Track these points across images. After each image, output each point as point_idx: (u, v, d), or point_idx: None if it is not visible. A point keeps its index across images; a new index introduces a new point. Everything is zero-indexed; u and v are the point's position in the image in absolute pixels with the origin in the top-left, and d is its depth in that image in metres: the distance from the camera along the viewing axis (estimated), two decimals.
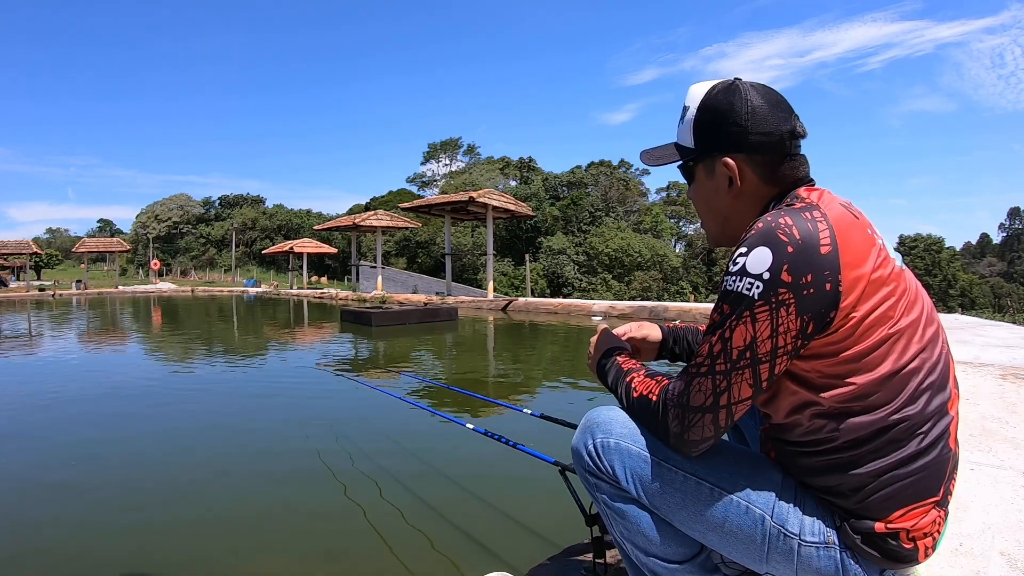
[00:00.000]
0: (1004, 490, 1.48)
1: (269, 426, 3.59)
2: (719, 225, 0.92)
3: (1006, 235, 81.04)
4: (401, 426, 3.48)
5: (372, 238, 27.16)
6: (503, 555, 1.86)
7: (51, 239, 72.68)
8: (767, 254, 0.73)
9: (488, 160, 52.31)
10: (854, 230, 0.75)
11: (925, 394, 0.76)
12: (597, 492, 0.90)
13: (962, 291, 36.69)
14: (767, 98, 0.84)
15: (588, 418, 0.92)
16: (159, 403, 4.27)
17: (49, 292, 26.62)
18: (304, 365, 6.22)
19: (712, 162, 0.88)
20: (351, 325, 10.28)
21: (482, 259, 31.04)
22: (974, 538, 1.21)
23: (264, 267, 49.29)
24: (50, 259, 52.46)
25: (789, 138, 0.83)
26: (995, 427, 2.08)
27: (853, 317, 0.73)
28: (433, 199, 19.30)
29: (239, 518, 2.22)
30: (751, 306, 0.74)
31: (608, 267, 32.25)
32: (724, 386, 0.76)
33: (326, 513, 2.24)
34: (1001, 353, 3.82)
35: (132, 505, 2.33)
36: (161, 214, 56.25)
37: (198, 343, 8.35)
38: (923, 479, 0.76)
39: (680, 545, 0.87)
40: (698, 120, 0.88)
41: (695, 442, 0.79)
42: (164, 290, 29.42)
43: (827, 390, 0.76)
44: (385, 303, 15.52)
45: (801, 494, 0.82)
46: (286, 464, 2.84)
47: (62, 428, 3.52)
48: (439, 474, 2.64)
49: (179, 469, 2.77)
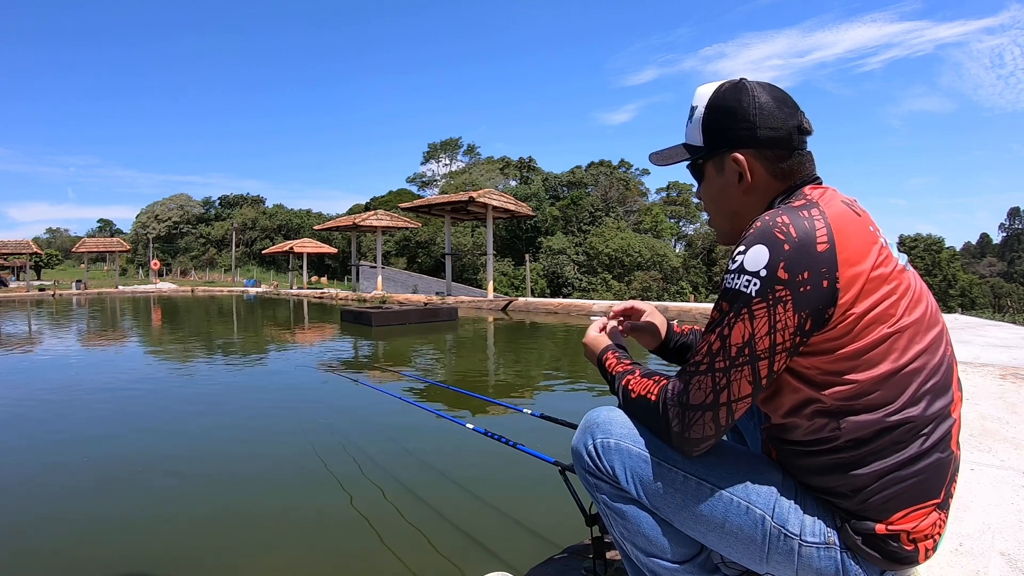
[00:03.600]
0: (1004, 490, 1.48)
1: (269, 426, 3.59)
2: (728, 222, 0.92)
3: (1006, 235, 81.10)
4: (401, 426, 3.47)
5: (372, 238, 27.16)
6: (503, 555, 1.86)
7: (51, 239, 72.67)
8: (764, 252, 0.73)
9: (488, 160, 52.28)
10: (853, 228, 0.75)
11: (927, 396, 0.76)
12: (597, 492, 0.90)
13: (962, 291, 36.66)
14: (773, 95, 0.85)
15: (588, 418, 0.92)
16: (159, 403, 4.27)
17: (49, 292, 26.61)
18: (304, 365, 6.22)
19: (722, 159, 0.89)
20: (351, 325, 10.28)
21: (482, 259, 31.04)
22: (974, 538, 1.21)
23: (264, 267, 49.29)
24: (50, 259, 52.45)
25: (796, 133, 0.84)
26: (995, 427, 2.08)
27: (852, 314, 0.73)
28: (433, 199, 19.29)
29: (239, 518, 2.21)
30: (749, 303, 0.74)
31: (608, 267, 32.25)
32: (724, 383, 0.76)
33: (326, 513, 2.24)
34: (1001, 353, 3.82)
35: (132, 505, 2.33)
36: (161, 214, 56.21)
37: (198, 343, 8.35)
38: (924, 481, 0.76)
39: (680, 545, 0.87)
40: (707, 118, 0.89)
41: (696, 441, 0.79)
42: (164, 290, 29.41)
43: (828, 387, 0.76)
44: (385, 303, 15.52)
45: (802, 494, 0.82)
46: (286, 464, 2.84)
47: (59, 427, 3.52)
48: (439, 474, 2.64)
49: (179, 469, 2.77)
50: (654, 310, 1.18)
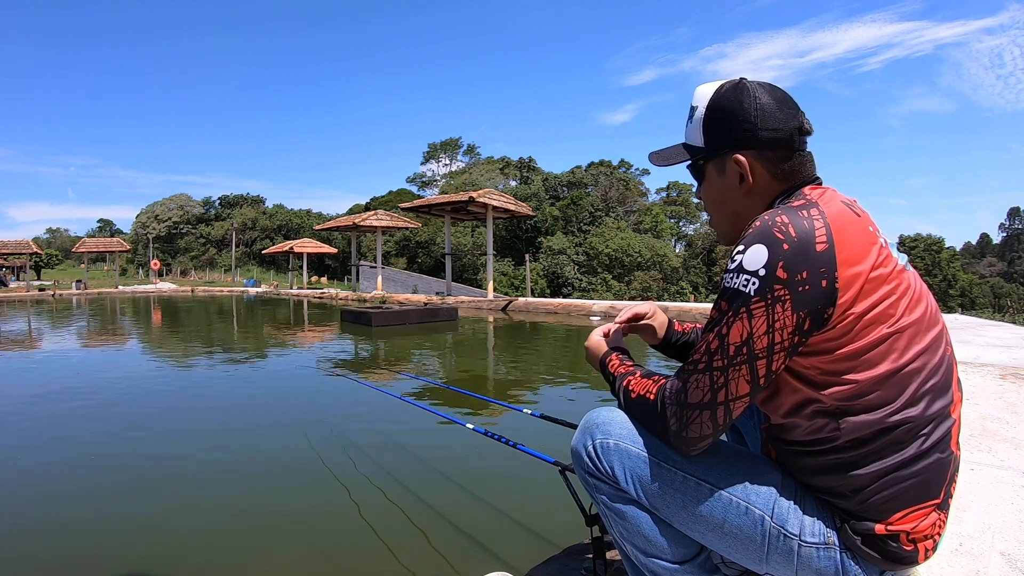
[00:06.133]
0: (1004, 490, 1.48)
1: (269, 426, 3.59)
2: (729, 222, 0.93)
3: (1006, 235, 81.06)
4: (401, 426, 3.47)
5: (372, 238, 27.16)
6: (503, 555, 1.86)
7: (51, 239, 72.68)
8: (763, 251, 0.73)
9: (488, 160, 52.29)
10: (853, 227, 0.75)
11: (927, 396, 0.76)
12: (597, 493, 0.90)
13: (962, 291, 36.67)
14: (774, 95, 0.85)
15: (587, 419, 0.92)
16: (159, 403, 4.27)
17: (49, 292, 26.61)
18: (304, 365, 6.22)
19: (723, 160, 0.89)
20: (351, 325, 10.27)
21: (482, 259, 31.04)
22: (974, 538, 1.21)
23: (264, 267, 49.28)
24: (50, 259, 52.46)
25: (797, 134, 0.84)
26: (995, 427, 2.08)
27: (851, 314, 0.73)
28: (433, 199, 19.28)
29: (239, 518, 2.21)
30: (747, 302, 0.74)
31: (608, 267, 32.26)
32: (721, 382, 0.76)
33: (326, 513, 2.24)
34: (1001, 353, 3.82)
35: (132, 505, 2.33)
36: (161, 214, 56.21)
37: (198, 343, 8.35)
38: (924, 481, 0.76)
39: (680, 546, 0.87)
40: (707, 119, 0.89)
41: (694, 439, 0.79)
42: (164, 290, 29.40)
43: (827, 388, 0.76)
44: (385, 303, 15.51)
45: (801, 495, 0.82)
46: (286, 464, 2.84)
47: (56, 427, 3.52)
48: (439, 474, 2.64)
49: (178, 469, 2.76)
50: (656, 310, 1.18)
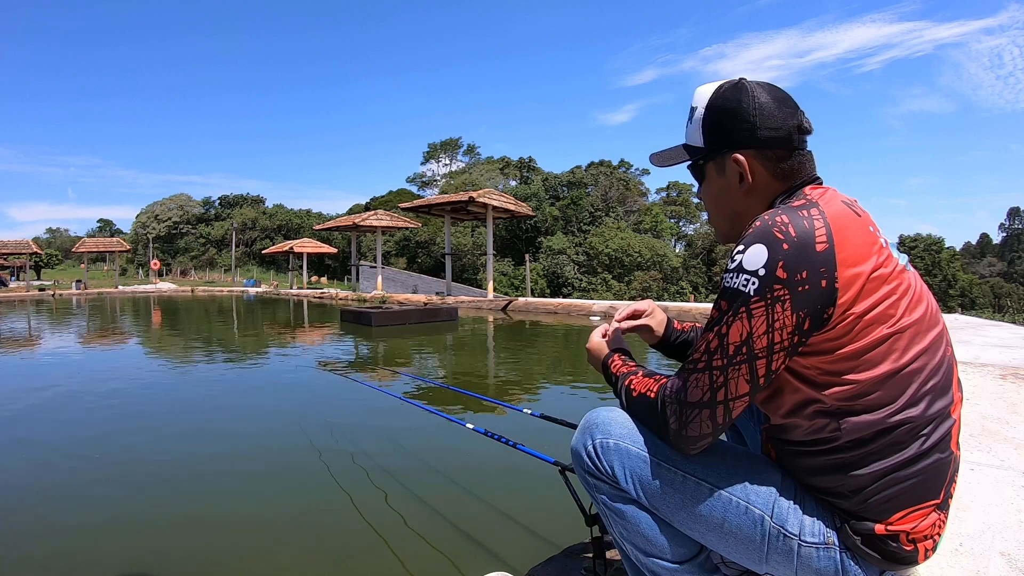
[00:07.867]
0: (1004, 490, 1.48)
1: (269, 426, 3.59)
2: (729, 222, 0.93)
3: (1006, 235, 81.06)
4: (401, 426, 3.47)
5: (372, 238, 27.16)
6: (503, 555, 1.86)
7: (51, 239, 72.67)
8: (763, 251, 0.73)
9: (488, 160, 52.27)
10: (853, 227, 0.75)
11: (927, 396, 0.76)
12: (597, 492, 0.90)
13: (962, 291, 36.67)
14: (773, 95, 0.85)
15: (587, 419, 0.92)
16: (159, 404, 4.27)
17: (49, 292, 26.60)
18: (304, 365, 6.22)
19: (723, 159, 0.89)
20: (351, 325, 10.27)
21: (482, 259, 31.04)
22: (974, 538, 1.21)
23: (264, 267, 49.27)
24: (50, 259, 52.41)
25: (796, 133, 0.84)
26: (995, 427, 2.08)
27: (852, 314, 0.73)
28: (433, 199, 19.28)
29: (239, 518, 2.22)
30: (747, 302, 0.74)
31: (608, 267, 32.26)
32: (721, 382, 0.76)
33: (326, 513, 2.24)
34: (1001, 353, 3.82)
35: (133, 505, 2.33)
36: (161, 214, 56.20)
37: (198, 343, 8.35)
38: (924, 482, 0.76)
39: (680, 545, 0.87)
40: (707, 119, 0.89)
41: (693, 439, 0.79)
42: (164, 290, 29.40)
43: (828, 388, 0.76)
44: (385, 303, 15.52)
45: (801, 494, 0.82)
46: (286, 464, 2.84)
47: (60, 429, 3.52)
48: (439, 474, 2.64)
49: (179, 469, 2.77)
50: (655, 308, 1.18)
